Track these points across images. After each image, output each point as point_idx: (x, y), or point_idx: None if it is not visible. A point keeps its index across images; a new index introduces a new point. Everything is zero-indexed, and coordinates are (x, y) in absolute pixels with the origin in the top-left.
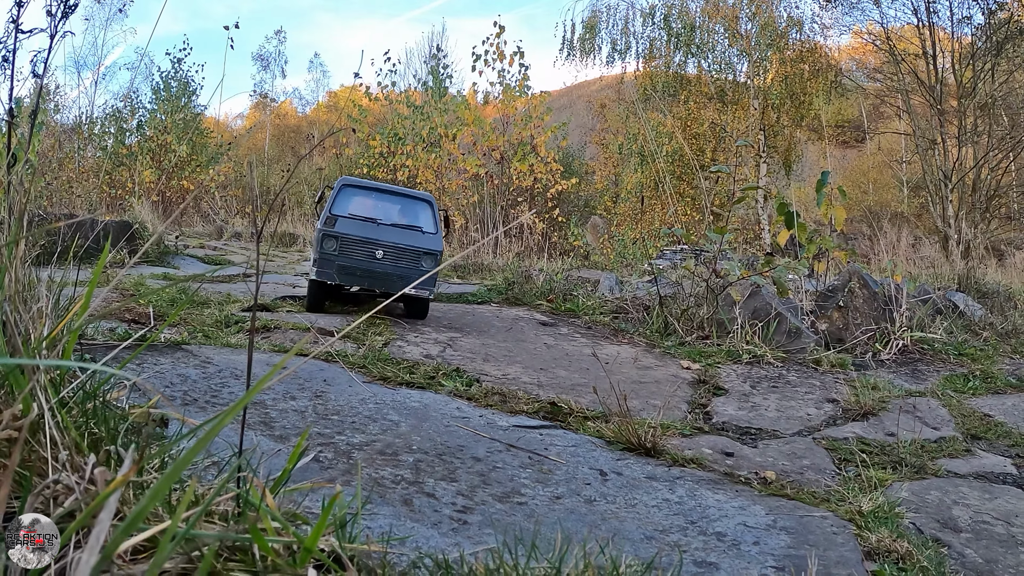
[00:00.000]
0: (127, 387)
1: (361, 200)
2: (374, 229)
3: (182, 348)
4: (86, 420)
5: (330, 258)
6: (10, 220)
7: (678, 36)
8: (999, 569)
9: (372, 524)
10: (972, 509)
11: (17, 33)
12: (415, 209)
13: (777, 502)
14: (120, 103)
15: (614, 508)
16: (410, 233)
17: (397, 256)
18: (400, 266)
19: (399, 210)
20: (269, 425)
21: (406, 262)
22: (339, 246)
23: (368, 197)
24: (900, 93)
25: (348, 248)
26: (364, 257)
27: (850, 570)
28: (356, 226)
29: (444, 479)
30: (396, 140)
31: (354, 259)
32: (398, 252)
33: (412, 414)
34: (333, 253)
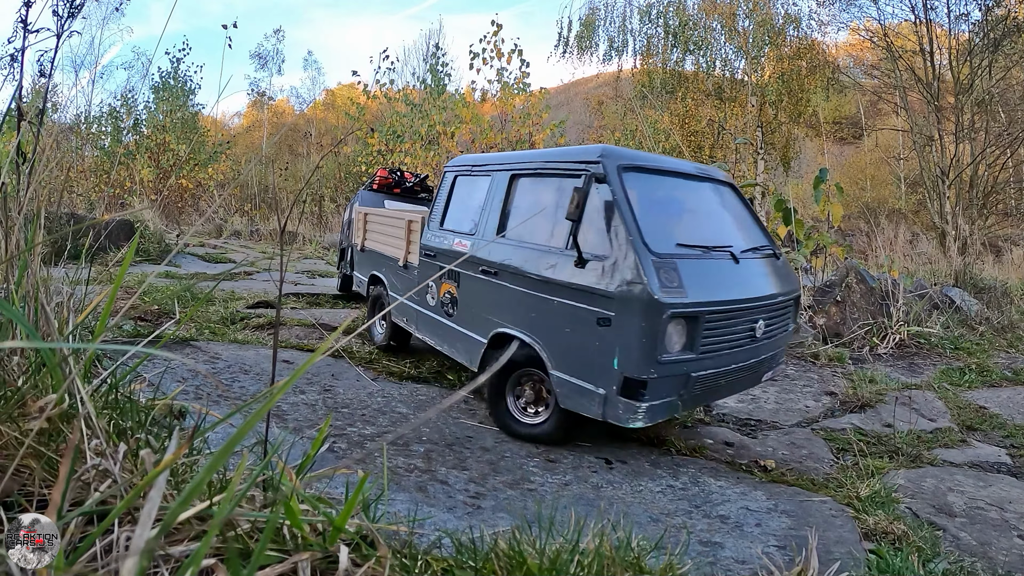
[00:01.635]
0: (145, 381)
1: (658, 199)
2: (738, 275)
3: (191, 344)
4: (110, 412)
5: (675, 369)
6: (19, 220)
7: (675, 33)
8: (993, 551)
9: (390, 509)
10: (967, 495)
11: (25, 33)
12: (728, 206)
13: (778, 488)
14: (117, 102)
15: (620, 494)
16: (772, 266)
17: (776, 320)
18: (774, 337)
19: (719, 214)
20: (282, 418)
21: (780, 327)
22: (697, 336)
23: (665, 189)
24: (897, 90)
25: (715, 335)
26: (737, 344)
27: (848, 548)
28: (706, 275)
29: (455, 467)
30: (395, 138)
31: (722, 355)
32: (778, 313)
33: (420, 407)
34: (682, 358)
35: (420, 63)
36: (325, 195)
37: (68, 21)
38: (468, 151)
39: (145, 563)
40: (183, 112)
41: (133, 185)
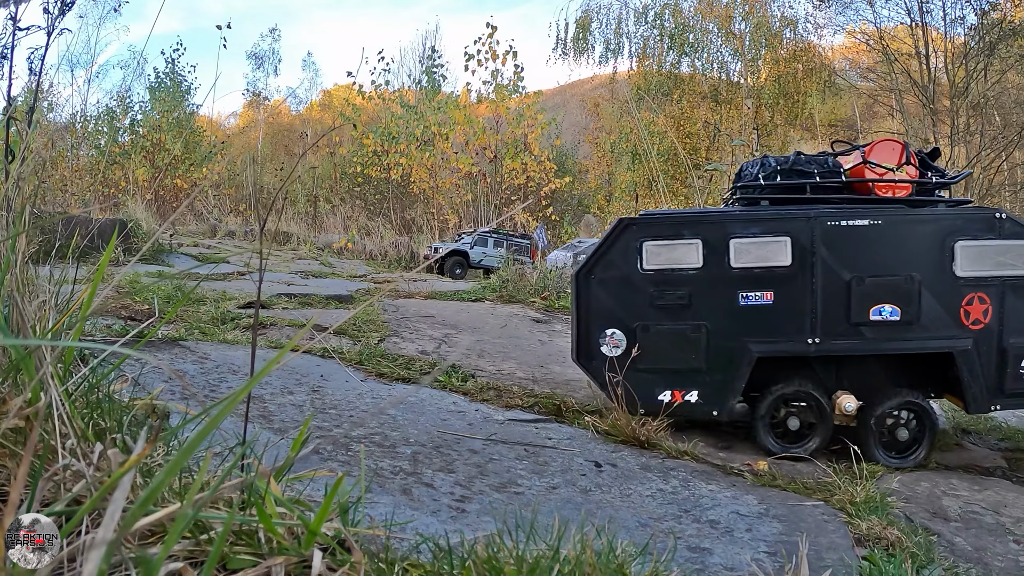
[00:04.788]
0: (128, 380)
1: None
2: None
3: (179, 344)
4: (90, 411)
5: None
6: (9, 217)
7: (671, 35)
8: (988, 556)
9: (372, 512)
10: (962, 499)
11: (15, 30)
12: None
13: (769, 492)
14: (113, 102)
15: (609, 498)
16: None
17: None
18: None
19: None
20: (268, 419)
21: None
22: None
23: None
24: (893, 92)
25: None
26: None
27: (840, 554)
28: None
29: (442, 470)
30: (390, 139)
31: None
32: None
33: (409, 408)
34: None
35: (416, 65)
36: (320, 196)
37: (59, 18)
38: (463, 152)
39: (104, 566)
40: (179, 112)
41: (128, 185)
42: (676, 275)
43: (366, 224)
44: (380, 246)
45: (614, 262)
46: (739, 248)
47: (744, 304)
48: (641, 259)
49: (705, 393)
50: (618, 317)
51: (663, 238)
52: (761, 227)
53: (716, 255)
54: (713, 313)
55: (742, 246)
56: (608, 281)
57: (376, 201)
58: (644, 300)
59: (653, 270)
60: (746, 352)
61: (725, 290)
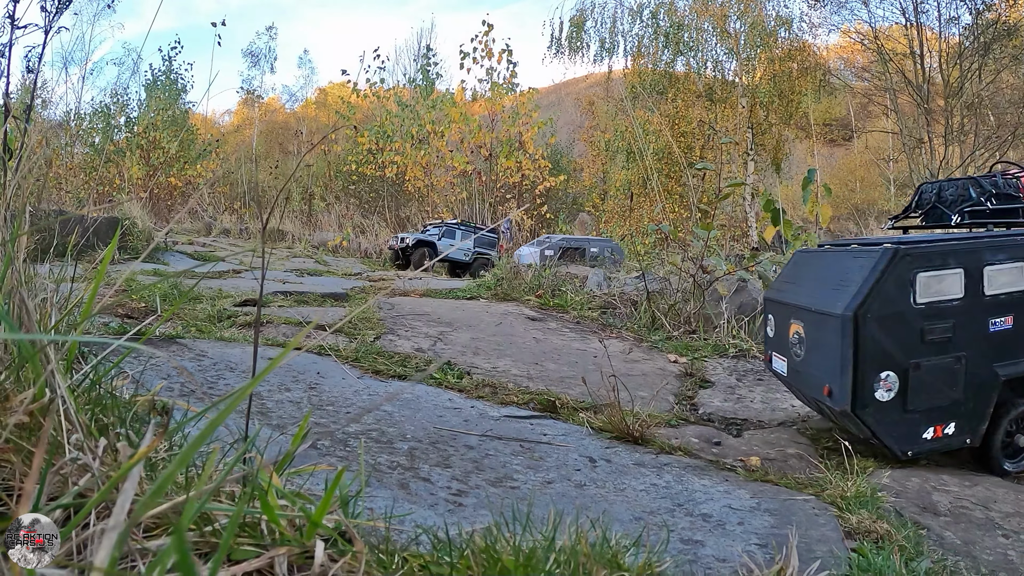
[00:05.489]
0: (128, 377)
1: None
2: None
3: (176, 342)
4: (92, 407)
5: None
6: (6, 215)
7: (666, 34)
8: (977, 550)
9: (371, 506)
10: (952, 495)
11: (13, 28)
12: None
13: (761, 487)
14: (109, 99)
15: (603, 492)
16: None
17: None
18: None
19: None
20: (266, 415)
21: None
22: None
23: None
24: (888, 92)
25: None
26: None
27: (830, 547)
28: None
29: (439, 465)
30: (385, 137)
31: None
32: None
33: (405, 405)
34: None
35: (411, 63)
36: (316, 193)
37: (56, 17)
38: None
39: (116, 553)
40: (174, 110)
41: (122, 183)
42: (942, 307)
43: (361, 222)
44: (375, 244)
45: (889, 297)
46: (991, 276)
47: (993, 330)
48: (914, 292)
49: (960, 424)
50: (892, 357)
51: (934, 268)
52: (1007, 253)
53: (974, 284)
54: (971, 343)
55: (994, 273)
56: (883, 319)
57: (371, 199)
58: (916, 337)
59: (925, 304)
60: (995, 377)
61: (980, 318)
